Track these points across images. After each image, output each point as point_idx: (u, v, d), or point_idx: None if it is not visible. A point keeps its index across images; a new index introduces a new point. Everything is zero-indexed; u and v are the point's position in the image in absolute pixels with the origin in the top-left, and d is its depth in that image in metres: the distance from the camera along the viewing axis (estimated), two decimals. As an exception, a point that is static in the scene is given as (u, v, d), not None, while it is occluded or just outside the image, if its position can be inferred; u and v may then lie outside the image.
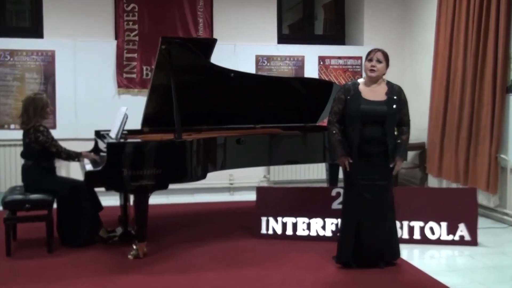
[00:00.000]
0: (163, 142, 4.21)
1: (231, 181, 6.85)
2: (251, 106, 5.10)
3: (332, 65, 7.14)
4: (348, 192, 3.94)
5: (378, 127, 3.74)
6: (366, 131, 3.74)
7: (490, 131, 5.33)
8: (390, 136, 3.76)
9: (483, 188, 5.38)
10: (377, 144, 3.75)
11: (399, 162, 3.80)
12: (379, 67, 3.82)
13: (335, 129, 3.86)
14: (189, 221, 5.41)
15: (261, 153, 4.80)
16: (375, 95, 3.80)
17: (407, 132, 3.87)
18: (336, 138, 3.85)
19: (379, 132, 3.73)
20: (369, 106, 3.75)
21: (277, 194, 4.81)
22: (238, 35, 6.87)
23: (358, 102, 3.77)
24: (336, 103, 3.89)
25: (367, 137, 3.74)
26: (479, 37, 5.51)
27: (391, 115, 3.73)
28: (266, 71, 6.91)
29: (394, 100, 3.78)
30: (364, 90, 3.84)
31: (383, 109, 3.73)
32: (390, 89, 3.83)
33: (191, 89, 4.66)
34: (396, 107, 3.76)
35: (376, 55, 3.83)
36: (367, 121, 3.74)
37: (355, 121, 3.76)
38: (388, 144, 3.74)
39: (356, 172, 3.82)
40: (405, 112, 3.87)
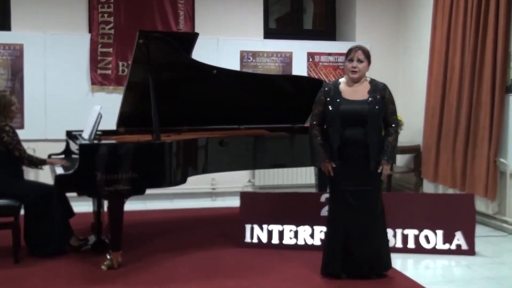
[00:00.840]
0: (140, 144, 4.20)
1: (213, 186, 6.85)
2: (235, 106, 5.09)
3: (322, 62, 7.16)
4: (334, 199, 3.95)
5: (359, 128, 3.76)
6: (347, 133, 3.76)
7: (489, 133, 5.38)
8: (373, 137, 3.77)
9: (481, 194, 5.42)
10: (359, 146, 3.76)
11: (385, 165, 3.81)
12: (361, 67, 3.83)
13: (317, 132, 3.89)
14: (168, 228, 5.39)
15: (246, 156, 4.81)
16: (356, 95, 3.82)
17: (395, 133, 3.87)
18: (317, 141, 3.88)
19: (361, 134, 3.75)
20: (349, 106, 3.77)
21: (263, 200, 4.81)
22: (222, 29, 6.86)
23: (338, 102, 3.80)
24: (316, 105, 3.93)
25: (347, 139, 3.76)
26: (477, 33, 5.56)
27: (373, 115, 3.75)
28: (251, 68, 6.92)
29: (377, 99, 3.80)
30: (345, 90, 3.87)
31: (365, 108, 3.75)
32: (373, 88, 3.85)
33: (171, 86, 4.66)
34: (379, 106, 3.78)
35: (357, 54, 3.84)
36: (347, 122, 3.76)
37: (335, 123, 3.79)
38: (370, 146, 3.75)
39: (340, 178, 3.84)
40: (391, 111, 3.88)
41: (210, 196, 6.87)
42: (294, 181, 6.89)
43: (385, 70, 7.22)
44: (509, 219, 5.32)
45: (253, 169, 6.58)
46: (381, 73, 6.90)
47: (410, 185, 6.91)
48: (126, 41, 6.42)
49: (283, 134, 5.22)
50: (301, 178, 6.88)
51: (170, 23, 6.64)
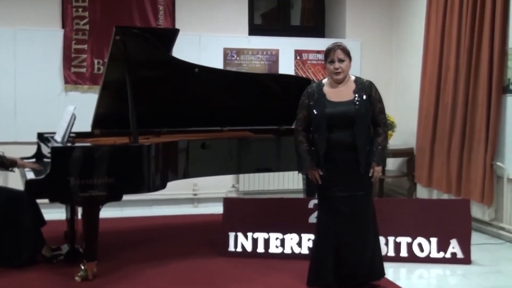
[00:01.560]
0: (116, 147, 4.20)
1: (194, 191, 6.84)
2: (218, 106, 5.09)
3: (310, 60, 7.18)
4: (323, 206, 3.95)
5: (347, 131, 3.77)
6: (334, 136, 3.77)
7: (485, 136, 5.43)
8: (362, 139, 3.78)
9: (477, 200, 5.46)
10: (348, 150, 3.77)
11: (376, 168, 3.82)
12: (344, 67, 3.85)
13: (302, 138, 3.90)
14: (147, 237, 5.37)
15: (229, 160, 4.81)
16: (341, 96, 3.84)
17: (384, 133, 3.88)
18: (303, 148, 3.89)
19: (349, 136, 3.77)
20: (335, 109, 3.79)
21: (247, 206, 4.81)
22: (204, 25, 6.86)
23: (323, 105, 3.81)
24: (300, 109, 3.94)
25: (335, 143, 3.77)
26: (473, 30, 5.60)
27: (361, 115, 3.76)
28: (235, 66, 6.92)
29: (363, 99, 3.81)
30: (329, 92, 3.88)
31: (351, 109, 3.77)
32: (359, 86, 3.86)
33: (149, 86, 4.65)
34: (367, 106, 3.80)
35: (337, 54, 3.84)
36: (334, 125, 3.77)
37: (321, 127, 3.80)
38: (359, 148, 3.77)
39: (329, 184, 3.85)
40: (379, 110, 3.89)
41: (192, 202, 6.87)
42: (281, 186, 6.90)
43: (376, 69, 7.27)
44: (507, 226, 5.36)
45: (237, 174, 6.58)
46: (372, 72, 6.96)
47: (403, 190, 6.94)
48: (102, 37, 6.40)
49: (269, 136, 5.22)
50: (288, 183, 6.89)
51: (149, 19, 6.62)
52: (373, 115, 3.86)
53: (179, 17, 6.76)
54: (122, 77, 4.27)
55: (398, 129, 6.76)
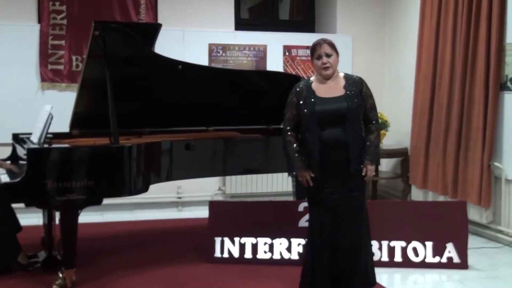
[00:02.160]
0: (96, 148, 4.18)
1: (179, 195, 6.84)
2: (203, 105, 5.09)
3: (300, 56, 7.19)
4: (315, 209, 3.93)
5: (339, 128, 3.77)
6: (326, 134, 3.76)
7: (482, 135, 5.45)
8: (353, 136, 3.79)
9: (475, 202, 5.48)
10: (340, 148, 3.77)
11: (369, 166, 3.82)
12: (332, 61, 3.85)
13: (291, 138, 3.89)
14: (128, 242, 5.36)
15: (215, 161, 4.81)
16: (331, 92, 3.84)
17: (376, 131, 3.89)
18: (292, 149, 3.87)
19: (340, 133, 3.77)
20: (326, 105, 3.79)
21: (234, 210, 4.81)
22: (188, 19, 6.85)
23: (313, 103, 3.81)
24: (288, 108, 3.93)
25: (328, 141, 3.76)
26: (469, 25, 5.62)
27: (352, 111, 3.77)
28: (221, 62, 6.92)
29: (354, 94, 3.82)
30: (319, 88, 3.88)
31: (342, 105, 3.77)
32: (349, 82, 3.88)
33: (131, 84, 4.64)
34: (358, 101, 3.81)
35: (323, 49, 3.85)
36: (325, 122, 3.77)
37: (312, 126, 3.79)
38: (350, 145, 3.77)
39: (322, 185, 3.83)
40: (371, 106, 3.90)
41: (176, 206, 6.86)
42: (269, 189, 6.91)
43: (368, 66, 7.29)
44: (505, 229, 5.39)
45: (223, 176, 6.53)
46: (364, 69, 6.99)
47: (397, 192, 6.96)
48: (81, 32, 6.38)
49: (256, 136, 5.23)
50: (277, 185, 6.90)
51: (130, 13, 6.61)
52: (364, 112, 3.87)
53: (161, 11, 6.74)
54: (102, 75, 4.25)
55: (392, 128, 6.79)
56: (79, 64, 6.46)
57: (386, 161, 7.13)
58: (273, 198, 6.40)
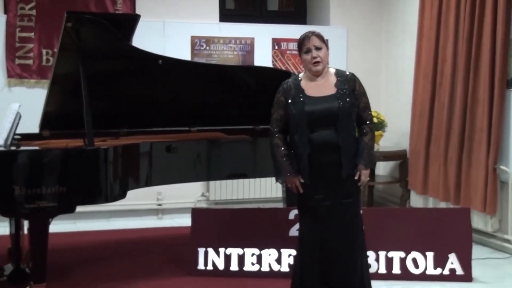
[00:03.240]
0: (68, 151, 4.15)
1: (159, 201, 6.83)
2: (185, 103, 5.08)
3: (290, 50, 7.19)
4: (305, 217, 3.92)
5: (331, 129, 3.76)
6: (317, 136, 3.76)
7: (487, 136, 5.46)
8: (345, 138, 3.77)
9: (479, 208, 5.49)
10: (331, 151, 3.76)
11: (363, 171, 3.81)
12: (322, 55, 3.82)
13: (278, 141, 3.88)
14: (104, 254, 5.35)
15: (198, 164, 4.80)
16: (321, 90, 3.83)
17: (371, 132, 3.89)
18: (280, 152, 3.86)
19: (332, 135, 3.76)
20: (316, 105, 3.78)
21: (219, 218, 4.80)
22: (169, 10, 6.84)
23: (302, 102, 3.80)
24: (276, 108, 3.92)
25: (317, 144, 3.75)
26: (473, 17, 5.63)
27: (344, 110, 3.76)
28: (204, 57, 6.91)
29: (346, 92, 3.81)
30: (308, 86, 3.86)
31: (334, 105, 3.76)
32: (341, 79, 3.86)
33: (107, 80, 4.63)
34: (351, 100, 3.80)
35: (312, 42, 3.82)
36: (315, 124, 3.76)
37: (301, 127, 3.78)
38: (342, 148, 3.76)
39: (312, 192, 3.82)
40: (364, 105, 3.89)
41: (156, 214, 6.86)
42: (257, 195, 6.92)
43: (364, 60, 7.30)
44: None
45: (207, 180, 6.56)
46: (360, 64, 7.01)
47: (395, 198, 6.98)
48: (52, 24, 6.34)
49: (243, 137, 5.21)
50: (265, 191, 6.91)
51: (106, 3, 6.58)
52: (357, 112, 3.85)
53: (140, 1, 6.72)
54: (75, 70, 4.24)
55: (389, 129, 6.80)
56: (50, 58, 6.43)
57: (383, 165, 7.15)
58: (261, 205, 6.41)
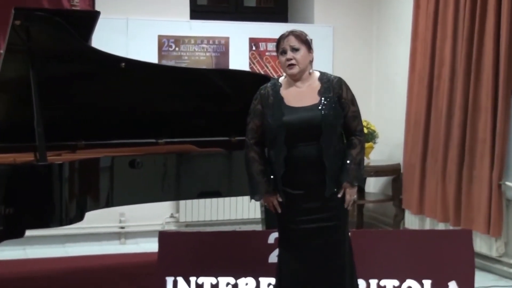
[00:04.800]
0: (16, 167, 4.13)
1: (121, 224, 6.82)
2: (152, 112, 5.08)
3: (270, 51, 7.21)
4: (285, 242, 3.91)
5: (312, 144, 3.73)
6: (296, 152, 3.74)
7: (491, 148, 5.47)
8: (331, 154, 3.74)
9: (482, 230, 5.50)
10: (313, 169, 3.74)
11: (348, 189, 3.79)
12: (299, 58, 3.79)
13: (254, 154, 3.86)
14: (59, 284, 5.32)
15: (167, 182, 4.78)
16: (302, 98, 3.80)
17: (360, 144, 3.85)
18: (256, 167, 3.84)
19: (314, 151, 3.73)
20: (296, 116, 3.75)
21: (190, 242, 4.78)
22: (133, 5, 6.84)
23: (280, 112, 3.77)
24: (252, 117, 3.91)
25: (297, 161, 3.74)
26: (474, 15, 5.65)
27: (329, 123, 3.73)
28: (173, 59, 6.92)
29: (331, 100, 3.78)
30: (288, 94, 3.84)
31: (317, 116, 3.73)
32: (325, 85, 3.83)
33: (61, 86, 4.61)
34: (336, 111, 3.77)
35: (288, 41, 3.80)
36: (294, 137, 3.73)
37: (277, 141, 3.76)
38: (327, 167, 3.73)
39: (292, 213, 3.80)
40: (353, 114, 3.86)
41: (118, 238, 6.85)
42: (233, 216, 6.92)
43: (352, 63, 7.33)
44: (519, 263, 5.45)
45: (176, 200, 6.55)
46: (347, 67, 7.02)
47: (388, 219, 7.00)
48: (-2, 21, 6.29)
49: (217, 150, 5.21)
50: (242, 211, 6.91)
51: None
52: (344, 122, 3.83)
53: (100, -5, 6.71)
54: (25, 74, 4.20)
55: (381, 140, 6.81)
56: (-4, 60, 6.37)
57: (374, 181, 7.15)
58: (237, 228, 6.44)
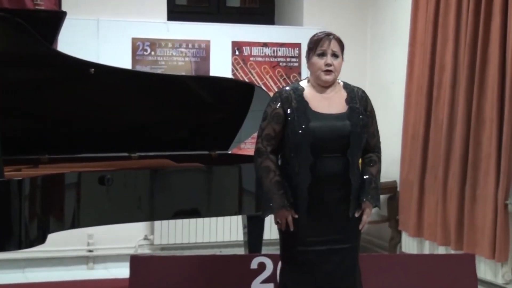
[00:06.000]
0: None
1: (89, 247, 6.80)
2: (124, 123, 5.07)
3: (254, 56, 7.22)
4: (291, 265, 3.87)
5: (338, 157, 3.73)
6: (322, 164, 3.72)
7: (496, 164, 5.45)
8: (356, 170, 3.78)
9: (486, 255, 5.47)
10: (337, 184, 3.75)
11: (368, 209, 3.82)
12: (337, 65, 3.83)
13: (270, 163, 3.81)
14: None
15: (140, 200, 4.72)
16: (331, 105, 3.81)
17: (379, 163, 3.93)
18: (271, 178, 3.79)
19: (340, 165, 3.74)
20: (325, 123, 3.74)
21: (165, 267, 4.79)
22: (104, 5, 6.83)
23: (305, 117, 3.75)
24: (269, 121, 3.84)
25: (323, 174, 3.72)
26: (478, 17, 5.66)
27: (357, 134, 3.76)
28: (149, 64, 6.92)
29: (358, 112, 3.82)
30: (314, 98, 3.82)
31: (346, 125, 3.75)
32: (351, 95, 3.87)
33: (23, 93, 4.59)
34: (364, 122, 3.81)
35: (332, 45, 3.81)
36: (321, 148, 3.71)
37: (302, 149, 3.72)
38: (352, 183, 3.74)
39: (305, 233, 3.78)
40: (374, 130, 3.94)
41: (85, 262, 6.81)
42: (213, 238, 6.93)
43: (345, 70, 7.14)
44: (528, 291, 5.45)
45: (151, 220, 6.54)
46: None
47: (383, 242, 7.02)
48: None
49: (196, 165, 5.17)
50: (223, 233, 6.92)
51: (23, -3, 6.51)
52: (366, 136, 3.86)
53: (67, -6, 6.70)
54: (-18, 81, 4.21)
55: (376, 155, 6.78)
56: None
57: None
58: (218, 251, 6.43)
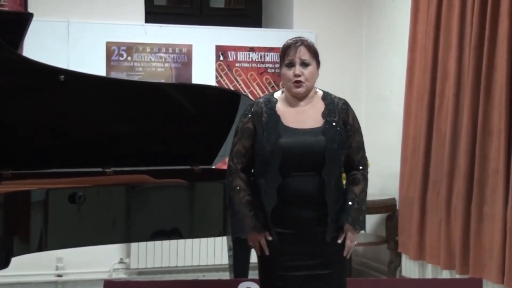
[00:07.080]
0: None
1: (59, 271, 6.82)
2: (98, 135, 5.07)
3: (240, 61, 7.24)
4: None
5: (312, 176, 3.73)
6: (292, 184, 3.72)
7: (505, 180, 5.42)
8: (332, 190, 3.75)
9: (494, 279, 5.43)
10: (312, 205, 3.74)
11: (350, 233, 3.81)
12: (308, 74, 3.80)
13: (240, 182, 3.83)
14: None
15: (115, 220, 4.70)
16: (304, 120, 3.81)
17: (364, 181, 3.90)
18: (241, 198, 3.81)
19: (314, 185, 3.73)
20: (296, 139, 3.74)
21: (142, 294, 4.69)
22: (75, 6, 6.83)
23: (275, 133, 3.76)
24: (240, 137, 3.87)
25: (294, 194, 3.72)
26: (483, 19, 5.64)
27: (333, 152, 3.74)
28: (125, 70, 6.94)
29: (337, 126, 3.79)
30: (286, 113, 3.83)
31: (320, 141, 3.73)
32: (329, 107, 3.86)
33: None
34: (341, 137, 3.78)
35: (299, 53, 3.79)
36: (292, 166, 3.72)
37: (270, 168, 3.73)
38: (328, 204, 3.72)
39: (281, 257, 3.78)
40: (357, 145, 3.91)
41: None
42: (195, 262, 6.94)
43: (338, 77, 7.32)
44: (539, 319, 5.42)
45: (126, 242, 6.58)
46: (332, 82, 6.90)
47: (381, 266, 7.01)
48: None
49: (177, 181, 5.15)
50: (206, 256, 6.94)
51: (-15, -5, 6.49)
52: (348, 153, 3.84)
53: (34, -7, 6.70)
54: None
55: (373, 170, 6.63)
56: None
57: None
58: (200, 276, 6.44)
